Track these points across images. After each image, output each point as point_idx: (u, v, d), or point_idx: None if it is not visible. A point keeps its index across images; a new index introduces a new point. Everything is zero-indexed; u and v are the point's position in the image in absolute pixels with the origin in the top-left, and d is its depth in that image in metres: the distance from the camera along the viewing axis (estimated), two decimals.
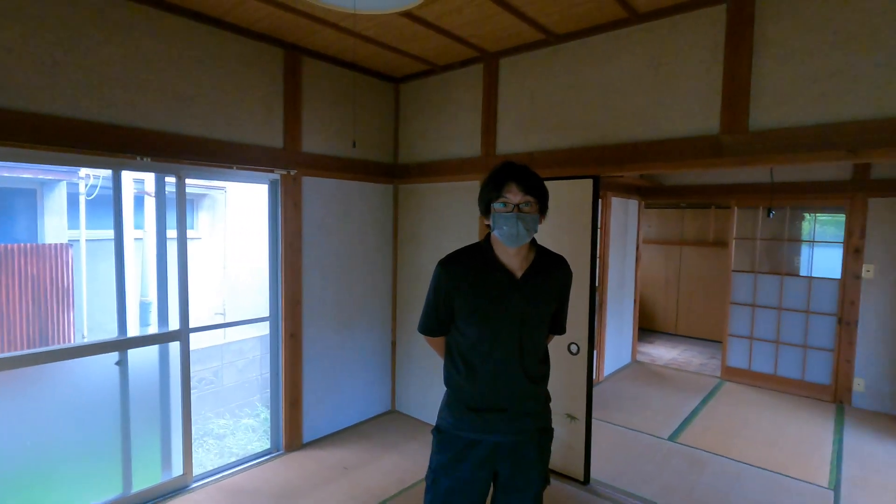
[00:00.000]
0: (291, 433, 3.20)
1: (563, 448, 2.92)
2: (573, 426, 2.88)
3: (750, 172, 4.75)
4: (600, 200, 4.44)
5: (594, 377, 4.68)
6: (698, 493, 2.84)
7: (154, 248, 2.74)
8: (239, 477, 2.88)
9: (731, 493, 2.85)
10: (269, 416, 3.27)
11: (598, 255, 2.84)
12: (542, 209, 1.53)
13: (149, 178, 4.75)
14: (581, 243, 2.77)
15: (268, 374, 3.24)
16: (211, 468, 2.95)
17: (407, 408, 3.81)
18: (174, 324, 2.71)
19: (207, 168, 2.70)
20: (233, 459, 3.10)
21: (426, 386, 3.65)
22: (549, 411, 1.67)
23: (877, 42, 1.91)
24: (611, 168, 2.63)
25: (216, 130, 2.70)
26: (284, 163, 3.02)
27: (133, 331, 2.55)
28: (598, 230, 3.77)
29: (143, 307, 5.13)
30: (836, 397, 4.32)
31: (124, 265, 2.49)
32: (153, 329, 3.94)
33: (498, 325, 1.52)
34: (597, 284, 4.61)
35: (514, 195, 1.46)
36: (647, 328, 6.98)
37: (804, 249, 5.52)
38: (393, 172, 3.72)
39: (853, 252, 4.20)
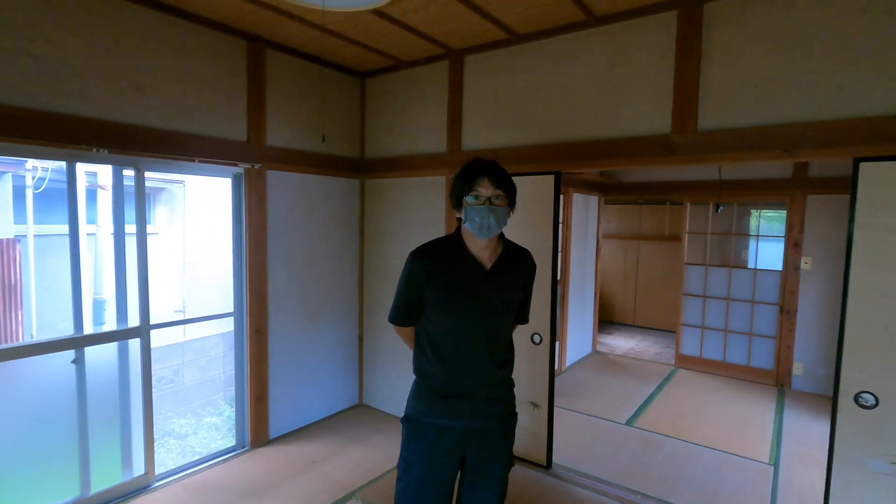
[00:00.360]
0: (257, 429, 3.18)
1: (526, 435, 3.03)
2: (536, 413, 2.99)
3: (701, 170, 5.01)
4: (562, 196, 4.59)
5: (557, 367, 4.85)
6: (653, 472, 3.01)
7: (109, 243, 2.66)
8: (204, 474, 2.84)
9: (682, 471, 3.03)
10: (233, 414, 3.24)
11: (559, 249, 2.95)
12: (511, 203, 1.61)
13: (102, 171, 4.56)
14: (543, 236, 2.87)
15: (231, 372, 3.21)
16: (173, 467, 2.90)
17: (374, 401, 3.84)
18: (134, 320, 2.64)
19: (168, 161, 2.64)
20: (196, 458, 3.06)
21: (393, 379, 3.69)
22: (513, 396, 1.75)
23: (808, 51, 2.08)
24: (571, 164, 2.74)
25: (177, 122, 2.64)
26: (248, 156, 2.98)
27: (88, 329, 2.47)
28: (560, 224, 3.89)
29: (97, 305, 4.93)
30: (777, 381, 4.64)
31: (80, 260, 2.42)
32: (109, 327, 3.81)
33: (468, 314, 1.59)
34: (559, 277, 4.77)
35: (485, 189, 1.53)
36: (607, 320, 7.24)
37: (750, 243, 5.85)
38: (359, 167, 3.73)
39: (793, 245, 4.51)
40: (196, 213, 5.79)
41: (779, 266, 4.69)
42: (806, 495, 2.80)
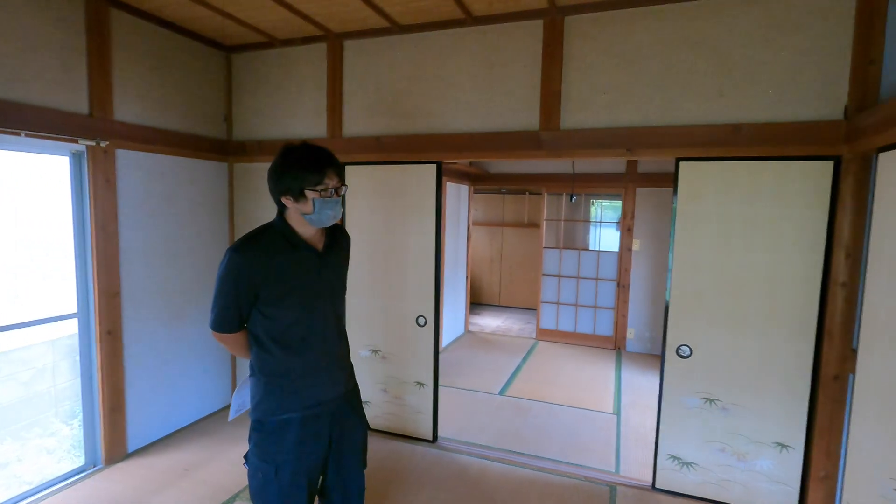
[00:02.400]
0: (112, 443, 2.81)
1: (413, 413, 3.16)
2: (422, 392, 3.14)
3: (558, 164, 5.62)
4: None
5: None
6: (524, 433, 3.37)
7: None
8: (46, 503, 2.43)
9: (548, 429, 3.45)
10: (71, 433, 2.81)
11: (441, 234, 3.11)
12: None
13: None
14: (427, 223, 2.98)
15: (66, 384, 2.79)
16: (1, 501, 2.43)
17: None
18: None
19: None
20: (29, 487, 2.60)
21: None
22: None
23: (645, 67, 2.50)
24: (452, 155, 2.89)
25: None
26: (92, 132, 2.57)
27: None
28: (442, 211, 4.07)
29: None
30: (616, 345, 5.48)
31: None
32: None
33: (313, 301, 1.55)
34: None
35: (331, 180, 1.50)
36: (476, 302, 7.75)
37: (594, 228, 6.76)
38: (227, 149, 3.44)
39: (626, 230, 5.33)
40: None
41: (615, 248, 5.51)
42: (640, 433, 3.40)
